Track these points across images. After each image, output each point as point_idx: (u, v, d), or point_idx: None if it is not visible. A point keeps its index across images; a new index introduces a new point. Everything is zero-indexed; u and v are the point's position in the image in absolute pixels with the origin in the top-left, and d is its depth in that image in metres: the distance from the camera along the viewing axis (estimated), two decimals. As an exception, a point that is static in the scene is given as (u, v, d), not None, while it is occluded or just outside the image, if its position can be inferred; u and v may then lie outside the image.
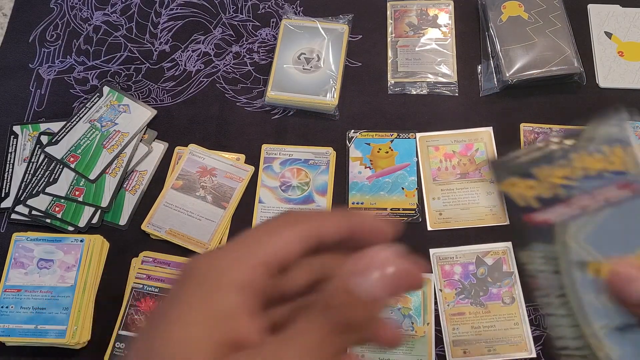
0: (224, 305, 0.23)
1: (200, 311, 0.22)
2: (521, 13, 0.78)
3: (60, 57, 0.82)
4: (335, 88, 0.76)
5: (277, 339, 0.23)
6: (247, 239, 0.25)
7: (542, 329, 0.64)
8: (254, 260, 0.24)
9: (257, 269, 0.24)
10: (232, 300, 0.23)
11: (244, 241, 0.25)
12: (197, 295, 0.23)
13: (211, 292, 0.23)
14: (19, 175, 0.73)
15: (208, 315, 0.22)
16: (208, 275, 0.24)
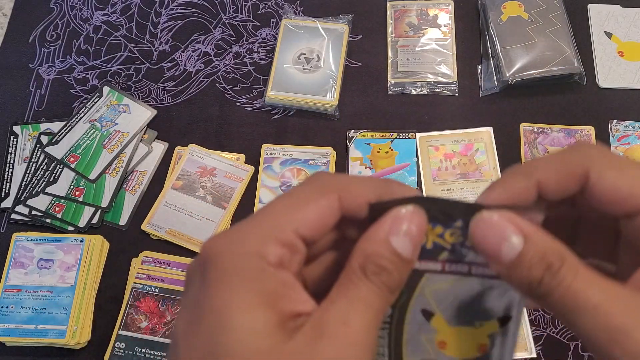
0: (273, 283, 0.22)
1: (253, 294, 0.22)
2: (521, 13, 0.78)
3: (60, 57, 0.82)
4: (335, 88, 0.76)
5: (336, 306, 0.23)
6: (273, 209, 0.24)
7: (542, 329, 0.64)
8: (286, 234, 0.23)
9: (291, 242, 0.23)
10: (279, 277, 0.23)
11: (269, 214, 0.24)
12: (243, 278, 0.22)
13: (256, 272, 0.22)
14: (19, 175, 0.73)
15: (263, 297, 0.22)
16: (244, 255, 0.22)
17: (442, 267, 0.26)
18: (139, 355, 0.63)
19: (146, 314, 0.65)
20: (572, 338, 0.64)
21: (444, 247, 0.26)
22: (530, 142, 0.73)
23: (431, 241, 0.26)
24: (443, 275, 0.26)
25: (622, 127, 0.74)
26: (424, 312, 0.27)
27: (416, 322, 0.27)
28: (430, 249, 0.26)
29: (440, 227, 0.26)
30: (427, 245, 0.26)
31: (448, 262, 0.26)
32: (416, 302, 0.27)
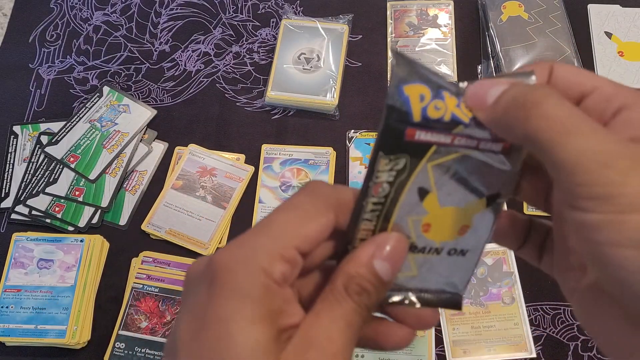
0: (278, 302, 0.24)
1: (259, 312, 0.23)
2: (521, 13, 0.78)
3: (60, 57, 0.82)
4: (335, 88, 0.76)
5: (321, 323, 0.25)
6: (277, 225, 0.25)
7: (542, 329, 0.64)
8: (290, 251, 0.24)
9: (294, 259, 0.25)
10: (282, 296, 0.24)
11: (274, 229, 0.25)
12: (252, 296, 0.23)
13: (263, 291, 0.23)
14: (19, 175, 0.73)
15: (267, 315, 0.23)
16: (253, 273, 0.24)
17: (452, 140, 0.26)
18: (139, 355, 0.63)
19: (146, 314, 0.65)
20: (572, 338, 0.64)
21: (461, 122, 0.25)
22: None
23: (450, 112, 0.25)
24: (450, 149, 0.26)
25: (622, 127, 0.74)
26: (420, 191, 0.27)
27: (409, 203, 0.27)
28: (448, 122, 0.25)
29: (454, 98, 0.25)
30: (445, 118, 0.25)
31: (458, 137, 0.26)
32: (415, 180, 0.26)
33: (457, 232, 0.28)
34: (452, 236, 0.28)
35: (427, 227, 0.28)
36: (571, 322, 0.65)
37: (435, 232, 0.28)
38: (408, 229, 0.28)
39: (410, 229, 0.28)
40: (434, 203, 0.27)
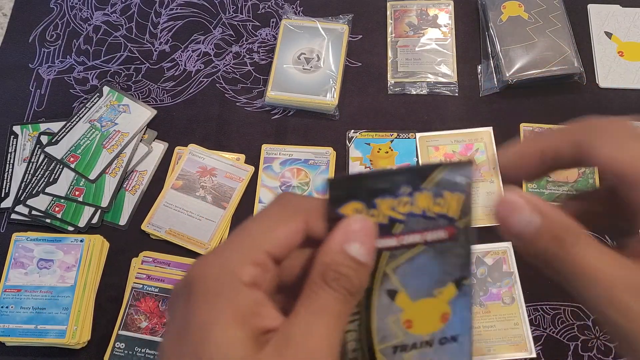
0: (247, 303, 0.25)
1: (230, 313, 0.24)
2: (521, 13, 0.78)
3: (60, 57, 0.82)
4: (335, 88, 0.76)
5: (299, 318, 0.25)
6: (248, 233, 0.26)
7: (542, 329, 0.64)
8: (259, 255, 0.26)
9: (264, 262, 0.26)
10: (252, 297, 0.25)
11: (245, 236, 0.26)
12: (222, 298, 0.24)
13: (233, 293, 0.25)
14: (18, 175, 0.73)
15: (238, 316, 0.24)
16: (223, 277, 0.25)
17: (399, 242, 0.27)
18: (138, 355, 0.63)
19: (146, 314, 0.65)
20: (571, 338, 0.64)
21: (398, 220, 0.27)
22: (530, 142, 0.73)
23: (385, 216, 0.27)
24: (401, 249, 0.27)
25: (622, 127, 0.74)
26: (389, 293, 0.28)
27: (383, 305, 0.28)
28: (386, 224, 0.27)
29: (391, 199, 0.27)
30: (383, 221, 0.27)
31: (404, 235, 0.27)
32: (381, 285, 0.28)
33: (439, 320, 0.29)
34: (436, 326, 0.29)
35: (409, 323, 0.29)
36: (571, 322, 0.65)
37: (418, 326, 0.29)
38: (392, 330, 0.28)
39: (394, 329, 0.28)
40: (405, 300, 0.28)
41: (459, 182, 0.27)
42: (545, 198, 0.70)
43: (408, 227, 0.27)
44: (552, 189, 0.71)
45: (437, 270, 0.28)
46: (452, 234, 0.28)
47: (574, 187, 0.71)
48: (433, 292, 0.29)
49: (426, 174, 0.27)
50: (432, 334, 0.29)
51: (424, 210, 0.27)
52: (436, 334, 0.29)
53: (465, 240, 0.28)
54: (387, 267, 0.28)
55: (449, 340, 0.29)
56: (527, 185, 0.71)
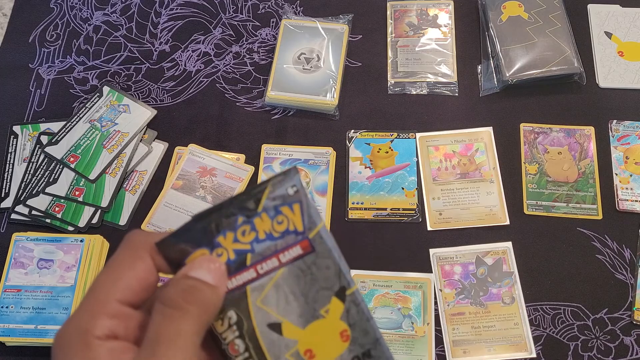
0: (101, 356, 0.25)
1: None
2: (521, 13, 0.78)
3: (60, 57, 0.82)
4: (335, 88, 0.76)
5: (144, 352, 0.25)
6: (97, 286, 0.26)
7: (542, 329, 0.64)
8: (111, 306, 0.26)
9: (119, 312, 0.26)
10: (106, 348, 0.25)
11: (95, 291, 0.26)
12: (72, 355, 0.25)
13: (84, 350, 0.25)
14: (18, 175, 0.73)
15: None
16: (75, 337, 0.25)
17: (256, 272, 0.27)
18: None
19: None
20: (571, 338, 0.64)
21: (245, 250, 0.26)
22: (530, 142, 0.73)
23: (231, 250, 0.26)
24: (262, 279, 0.27)
25: (622, 127, 0.74)
26: (271, 327, 0.27)
27: (272, 342, 0.27)
28: (235, 259, 0.26)
29: (231, 233, 0.26)
30: (230, 257, 0.26)
31: (257, 264, 0.27)
32: (258, 321, 0.27)
33: (342, 340, 0.28)
34: (341, 347, 0.28)
35: (310, 353, 0.27)
36: (571, 322, 0.65)
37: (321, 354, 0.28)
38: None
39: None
40: (293, 329, 0.27)
41: (290, 193, 0.27)
42: (545, 198, 0.70)
43: (258, 254, 0.26)
44: (552, 189, 0.71)
45: (312, 289, 0.27)
46: (306, 246, 0.27)
47: (574, 187, 0.71)
48: (319, 313, 0.27)
49: (258, 197, 0.26)
50: (340, 357, 0.28)
51: (268, 233, 0.26)
52: (344, 355, 0.28)
53: (325, 249, 0.27)
54: (257, 302, 0.27)
55: (364, 356, 0.28)
56: (527, 185, 0.71)
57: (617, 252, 0.67)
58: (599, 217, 0.69)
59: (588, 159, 0.72)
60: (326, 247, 0.27)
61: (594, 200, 0.70)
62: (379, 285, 0.66)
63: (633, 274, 0.66)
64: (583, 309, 0.65)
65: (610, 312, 0.65)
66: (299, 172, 0.27)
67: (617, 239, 0.68)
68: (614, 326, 0.64)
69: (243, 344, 0.27)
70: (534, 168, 0.72)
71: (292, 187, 0.27)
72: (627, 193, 0.70)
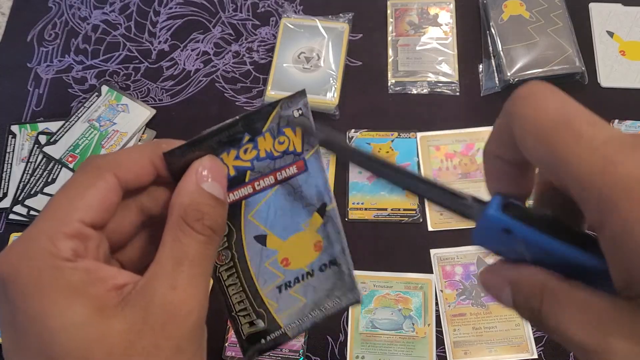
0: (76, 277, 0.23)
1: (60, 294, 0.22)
2: (522, 12, 0.78)
3: (58, 56, 0.81)
4: (336, 87, 0.75)
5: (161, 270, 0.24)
6: (54, 207, 0.24)
7: (543, 330, 0.64)
8: (72, 226, 0.24)
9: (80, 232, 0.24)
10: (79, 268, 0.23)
11: (51, 212, 0.24)
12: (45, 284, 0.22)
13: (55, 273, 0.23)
14: (17, 175, 0.72)
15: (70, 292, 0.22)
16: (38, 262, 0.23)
17: (253, 188, 0.28)
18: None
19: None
20: (573, 339, 0.64)
21: (246, 167, 0.28)
22: (532, 142, 0.73)
23: (232, 167, 0.27)
24: (257, 195, 0.28)
25: (623, 126, 0.74)
26: (257, 239, 0.29)
27: (255, 252, 0.29)
28: (235, 175, 0.28)
29: (233, 150, 0.27)
30: (231, 173, 0.27)
31: (255, 181, 0.28)
32: (247, 233, 0.29)
33: (314, 250, 0.30)
34: (313, 255, 0.30)
35: (286, 261, 0.30)
36: (573, 323, 0.64)
37: (295, 261, 0.30)
38: (272, 272, 0.29)
39: (274, 271, 0.29)
40: (276, 241, 0.29)
41: (295, 116, 0.28)
42: (546, 198, 0.70)
43: (257, 172, 0.28)
44: (553, 189, 0.70)
45: (298, 205, 0.29)
46: (301, 166, 0.29)
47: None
48: (301, 226, 0.30)
49: (265, 117, 0.27)
50: (310, 264, 0.30)
51: (268, 152, 0.28)
52: (314, 263, 0.30)
53: (318, 169, 0.29)
54: (249, 215, 0.28)
55: (329, 266, 0.31)
56: (528, 185, 0.70)
57: (619, 253, 0.67)
58: (601, 217, 0.69)
59: (590, 158, 0.72)
60: (318, 167, 0.29)
61: (596, 200, 0.69)
62: (380, 286, 0.66)
63: (635, 275, 0.66)
64: (585, 309, 0.65)
65: (612, 313, 0.64)
66: (306, 95, 0.28)
67: (619, 239, 0.68)
68: (616, 327, 0.64)
69: (229, 253, 0.28)
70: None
71: (297, 110, 0.28)
72: (629, 193, 0.70)
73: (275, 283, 0.30)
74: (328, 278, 0.31)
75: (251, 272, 0.29)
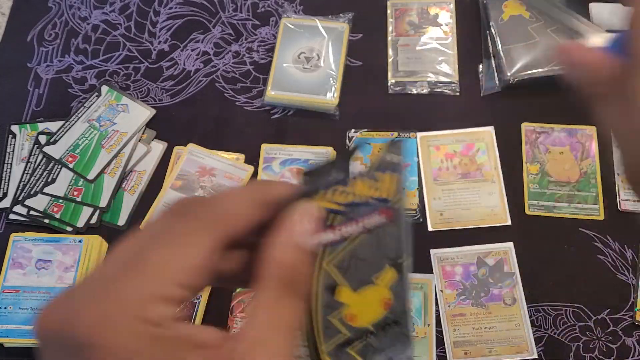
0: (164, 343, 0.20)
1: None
2: (522, 12, 0.78)
3: (58, 56, 0.81)
4: (336, 87, 0.75)
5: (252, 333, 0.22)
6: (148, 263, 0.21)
7: (543, 329, 0.64)
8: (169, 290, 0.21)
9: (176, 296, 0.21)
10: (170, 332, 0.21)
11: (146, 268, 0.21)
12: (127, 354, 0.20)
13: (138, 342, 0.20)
14: (17, 175, 0.72)
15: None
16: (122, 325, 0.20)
17: (340, 235, 0.26)
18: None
19: None
20: (573, 339, 0.64)
21: (338, 211, 0.26)
22: (532, 142, 0.73)
23: (324, 208, 0.26)
24: (342, 242, 0.26)
25: (624, 126, 0.74)
26: (329, 289, 0.27)
27: (324, 303, 0.27)
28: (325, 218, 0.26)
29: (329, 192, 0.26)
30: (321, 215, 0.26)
31: (343, 226, 0.26)
32: (320, 283, 0.27)
33: (381, 307, 0.28)
34: (379, 313, 0.28)
35: (352, 317, 0.28)
36: (573, 323, 0.64)
37: (361, 318, 0.28)
38: (336, 327, 0.27)
39: (338, 325, 0.27)
40: (347, 293, 0.27)
41: (394, 161, 0.27)
42: (546, 198, 0.70)
43: (346, 217, 0.26)
44: (553, 189, 0.70)
45: (374, 255, 0.27)
46: (390, 216, 0.27)
47: (576, 187, 0.70)
48: (372, 279, 0.27)
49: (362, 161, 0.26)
50: (375, 323, 0.28)
51: (362, 197, 0.26)
52: (379, 321, 0.28)
53: (401, 220, 0.27)
54: (325, 262, 0.26)
55: (392, 326, 0.29)
56: (528, 185, 0.70)
57: (619, 253, 0.67)
58: (601, 217, 0.69)
59: (590, 158, 0.72)
60: (402, 218, 0.27)
61: (596, 200, 0.69)
62: (380, 286, 0.66)
63: (635, 275, 0.66)
64: (585, 309, 0.65)
65: (612, 313, 0.64)
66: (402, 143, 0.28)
67: (619, 239, 0.68)
68: (616, 327, 0.64)
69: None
70: (535, 168, 0.71)
71: (397, 156, 0.27)
72: (629, 193, 0.70)
73: (338, 340, 0.28)
74: (388, 338, 0.29)
75: (316, 325, 0.27)
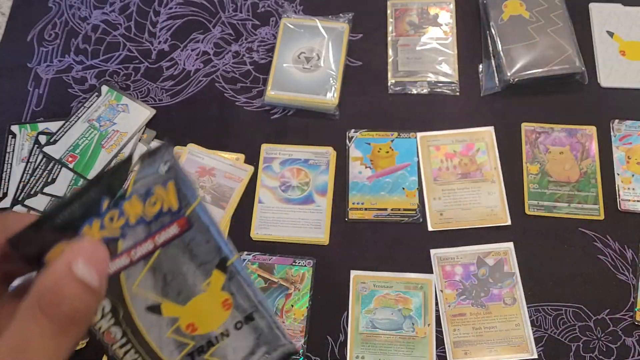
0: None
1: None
2: (522, 12, 0.78)
3: (58, 56, 0.81)
4: (336, 87, 0.75)
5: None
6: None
7: (543, 329, 0.64)
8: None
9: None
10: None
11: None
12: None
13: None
14: (17, 175, 0.72)
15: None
16: None
17: (130, 258, 0.25)
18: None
19: None
20: (573, 339, 0.64)
21: (116, 237, 0.25)
22: (532, 142, 0.73)
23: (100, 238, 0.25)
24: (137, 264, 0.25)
25: (623, 126, 0.74)
26: (150, 309, 0.26)
27: (152, 323, 0.26)
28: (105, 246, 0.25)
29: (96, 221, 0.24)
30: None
31: (131, 250, 0.25)
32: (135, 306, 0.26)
33: (223, 309, 0.27)
34: (223, 315, 0.28)
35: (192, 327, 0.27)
36: (572, 323, 0.64)
37: (203, 325, 0.27)
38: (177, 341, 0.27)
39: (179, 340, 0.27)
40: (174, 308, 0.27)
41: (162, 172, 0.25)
42: (546, 198, 0.70)
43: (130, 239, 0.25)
44: (553, 189, 0.70)
45: (191, 265, 0.26)
46: (183, 224, 0.26)
47: (576, 187, 0.70)
48: (200, 288, 0.27)
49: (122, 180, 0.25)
50: (223, 324, 0.27)
51: (139, 216, 0.25)
52: (227, 322, 0.28)
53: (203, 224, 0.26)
54: (133, 287, 0.26)
55: (244, 322, 0.28)
56: (528, 185, 0.70)
57: (619, 253, 0.67)
58: (601, 217, 0.69)
59: (590, 158, 0.72)
60: (204, 222, 0.26)
61: (596, 200, 0.69)
62: (380, 286, 0.66)
63: (635, 275, 0.66)
64: (585, 309, 0.65)
65: (612, 312, 0.64)
66: (171, 146, 0.26)
67: (619, 239, 0.68)
68: (616, 327, 0.64)
69: (120, 330, 0.26)
70: (535, 168, 0.71)
71: (164, 164, 0.25)
72: (629, 193, 0.70)
73: (185, 351, 0.27)
74: (247, 335, 0.28)
75: (151, 345, 0.26)
